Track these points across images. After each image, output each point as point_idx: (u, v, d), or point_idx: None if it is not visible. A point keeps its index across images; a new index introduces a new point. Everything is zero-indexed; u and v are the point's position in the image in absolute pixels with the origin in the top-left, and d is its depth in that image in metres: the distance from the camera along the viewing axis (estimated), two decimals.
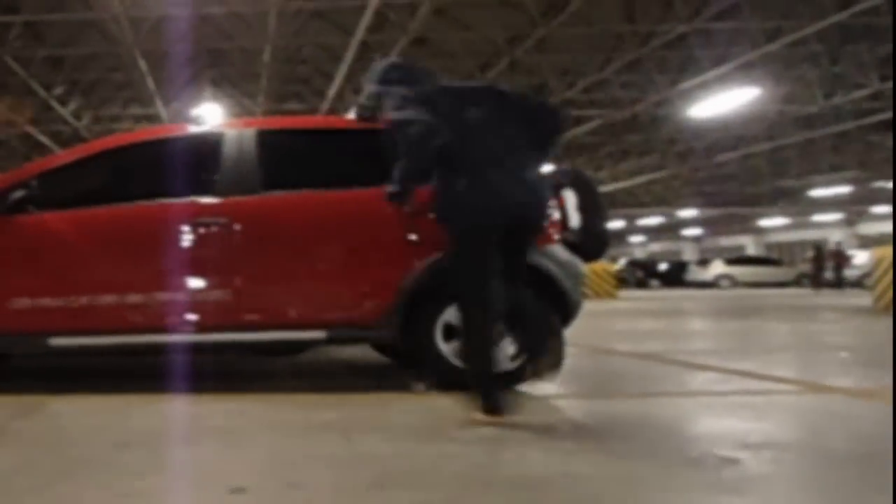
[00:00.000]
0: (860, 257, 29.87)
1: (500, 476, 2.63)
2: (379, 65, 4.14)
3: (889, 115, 17.91)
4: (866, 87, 16.20)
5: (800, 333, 9.23)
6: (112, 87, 18.76)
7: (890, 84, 15.87)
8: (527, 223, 3.78)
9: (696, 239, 58.67)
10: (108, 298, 4.41)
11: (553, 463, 2.80)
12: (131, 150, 4.83)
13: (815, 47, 15.17)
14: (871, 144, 23.50)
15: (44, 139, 21.29)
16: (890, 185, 29.04)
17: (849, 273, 29.13)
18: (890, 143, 20.30)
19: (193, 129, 4.92)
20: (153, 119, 19.27)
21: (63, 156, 5.07)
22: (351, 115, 4.85)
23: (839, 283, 28.15)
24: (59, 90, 17.48)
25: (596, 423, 3.73)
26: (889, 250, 13.49)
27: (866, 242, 38.21)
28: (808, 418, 3.77)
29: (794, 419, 3.76)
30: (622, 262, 39.26)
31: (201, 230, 4.44)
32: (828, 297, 21.75)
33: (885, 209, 38.76)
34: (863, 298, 16.78)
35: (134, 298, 4.42)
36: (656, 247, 63.08)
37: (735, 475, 2.61)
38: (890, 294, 13.07)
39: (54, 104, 17.79)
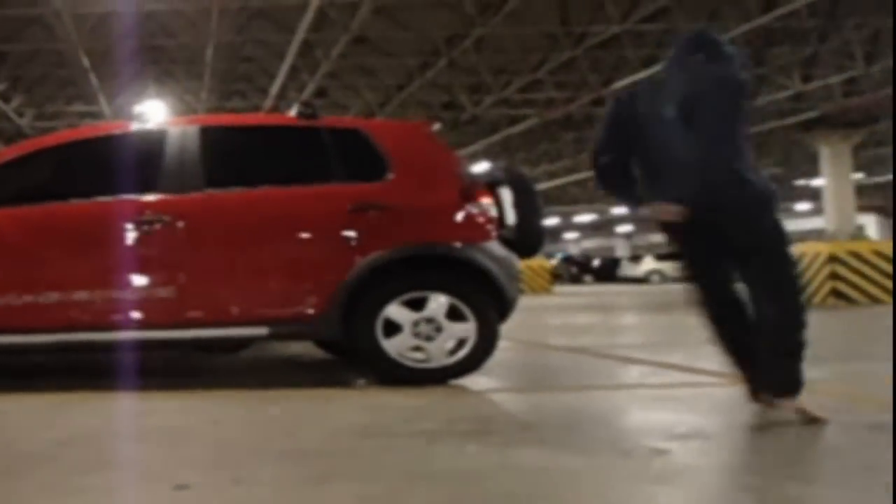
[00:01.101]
0: None
1: (439, 469, 2.69)
2: None
3: (810, 114, 18.55)
4: (789, 89, 16.74)
5: None
6: (55, 84, 18.23)
7: (811, 85, 16.45)
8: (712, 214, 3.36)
9: (628, 235, 59.66)
10: (51, 296, 4.36)
11: (490, 456, 2.88)
12: (74, 147, 4.78)
13: (741, 49, 15.61)
14: (792, 144, 24.25)
15: None
16: (811, 182, 30.01)
17: None
18: (810, 142, 20.98)
19: (136, 126, 4.89)
20: (96, 116, 18.77)
21: (5, 153, 4.99)
22: (292, 112, 4.87)
23: None
24: (1, 86, 16.94)
25: (531, 416, 3.83)
26: (814, 246, 13.99)
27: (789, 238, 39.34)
28: (733, 409, 3.90)
29: (720, 410, 3.89)
30: (557, 259, 39.75)
31: (144, 228, 4.42)
32: None
33: (806, 206, 40.04)
34: None
35: (77, 296, 4.38)
36: (590, 243, 63.92)
37: (664, 466, 2.71)
38: (811, 289, 13.56)
39: None
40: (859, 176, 24.93)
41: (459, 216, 4.66)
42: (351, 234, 4.49)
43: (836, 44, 15.07)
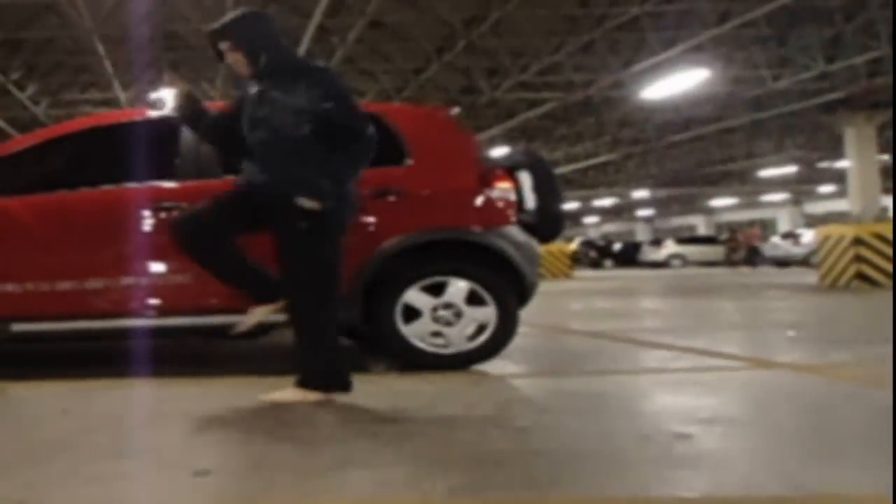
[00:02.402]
0: (807, 236, 30.67)
1: (460, 454, 2.69)
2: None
3: (834, 95, 18.33)
4: (812, 69, 16.54)
5: (748, 311, 9.46)
6: (70, 72, 18.37)
7: (835, 65, 16.25)
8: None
9: (649, 219, 59.41)
10: (70, 284, 4.38)
11: (510, 441, 2.87)
12: (90, 134, 4.78)
13: (764, 30, 15.44)
14: (816, 125, 24.00)
15: (1, 124, 20.78)
16: (835, 164, 29.73)
17: (797, 251, 30.06)
18: (835, 124, 20.75)
19: (152, 113, 4.88)
20: (112, 103, 18.89)
21: (21, 140, 5.00)
22: None
23: (752, 262, 29.64)
24: (16, 74, 17.06)
25: (552, 401, 3.81)
26: (839, 228, 13.86)
27: (812, 221, 39.11)
28: (756, 393, 3.90)
29: (743, 394, 3.88)
30: (577, 243, 39.63)
31: (161, 215, 4.42)
32: (773, 275, 22.23)
33: (830, 188, 39.65)
34: (808, 276, 17.20)
35: (96, 283, 4.39)
36: (610, 227, 63.74)
37: (686, 450, 2.70)
38: (836, 272, 13.45)
39: (12, 88, 17.37)
40: (884, 158, 24.63)
41: (478, 201, 4.63)
42: (370, 219, 4.46)
43: (861, 23, 14.86)
